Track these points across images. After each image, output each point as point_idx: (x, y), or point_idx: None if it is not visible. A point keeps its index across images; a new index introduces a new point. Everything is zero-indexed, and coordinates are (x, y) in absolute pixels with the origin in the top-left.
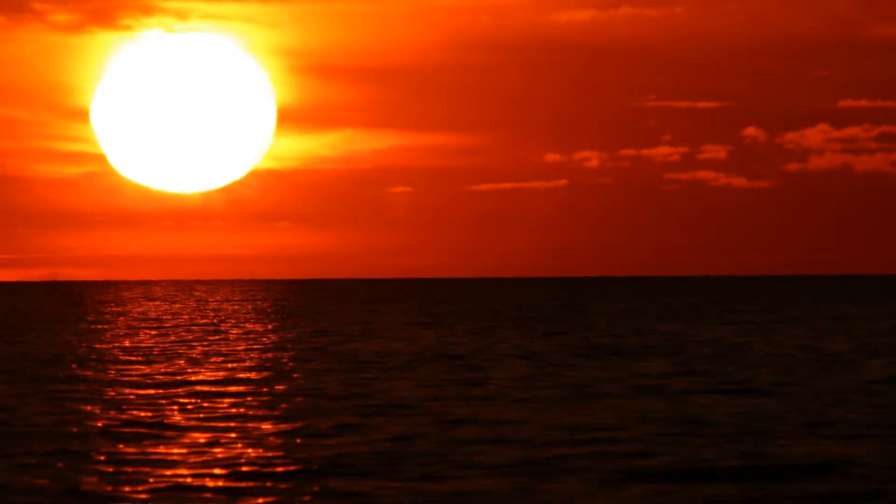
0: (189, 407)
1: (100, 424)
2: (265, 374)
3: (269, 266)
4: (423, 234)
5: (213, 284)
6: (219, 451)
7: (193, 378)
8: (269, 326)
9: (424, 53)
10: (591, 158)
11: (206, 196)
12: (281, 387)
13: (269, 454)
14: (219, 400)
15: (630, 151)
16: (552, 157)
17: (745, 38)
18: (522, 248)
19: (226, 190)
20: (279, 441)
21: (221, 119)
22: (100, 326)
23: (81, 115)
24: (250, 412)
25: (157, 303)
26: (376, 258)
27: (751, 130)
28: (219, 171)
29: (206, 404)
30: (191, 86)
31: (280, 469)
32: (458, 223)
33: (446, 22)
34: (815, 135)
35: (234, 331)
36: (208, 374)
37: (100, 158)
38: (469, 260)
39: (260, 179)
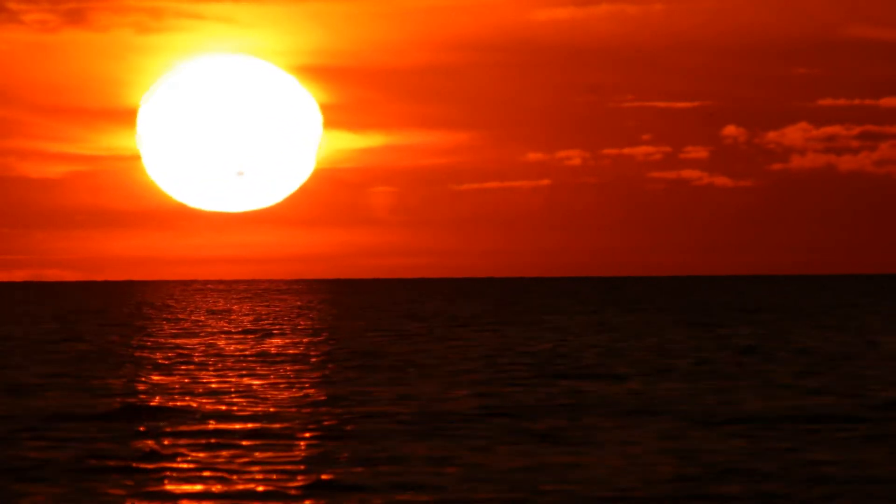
0: None
1: None
2: None
3: (253, 266)
4: (406, 235)
5: (206, 284)
6: None
7: None
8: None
9: (403, 54)
10: (574, 157)
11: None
12: None
13: None
14: None
15: (612, 150)
16: (534, 156)
17: (721, 36)
18: (507, 248)
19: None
20: None
21: (269, 137)
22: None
23: (62, 115)
24: None
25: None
26: (359, 258)
27: (730, 130)
28: (269, 189)
29: None
30: (237, 102)
31: None
32: (440, 223)
33: (424, 22)
34: (795, 133)
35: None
36: None
37: (82, 158)
38: (452, 260)
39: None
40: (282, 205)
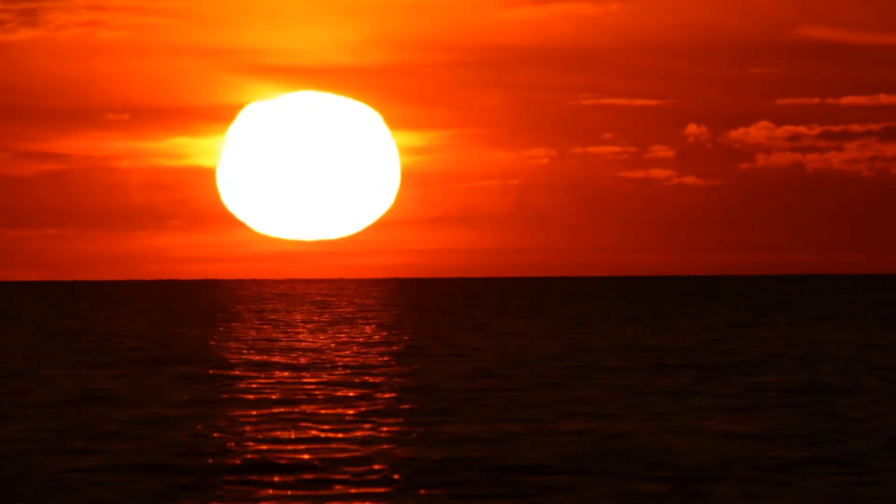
0: None
1: None
2: None
3: (227, 265)
4: (376, 235)
5: (183, 285)
6: None
7: None
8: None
9: (362, 53)
10: (542, 157)
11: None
12: None
13: None
14: None
15: (578, 150)
16: (502, 155)
17: (676, 35)
18: (484, 248)
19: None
20: None
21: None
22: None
23: (28, 115)
24: None
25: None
26: (332, 258)
27: (692, 128)
28: (341, 223)
29: None
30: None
31: None
32: (411, 223)
33: (383, 21)
34: (758, 132)
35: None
36: None
37: (55, 157)
38: (430, 259)
39: (204, 179)
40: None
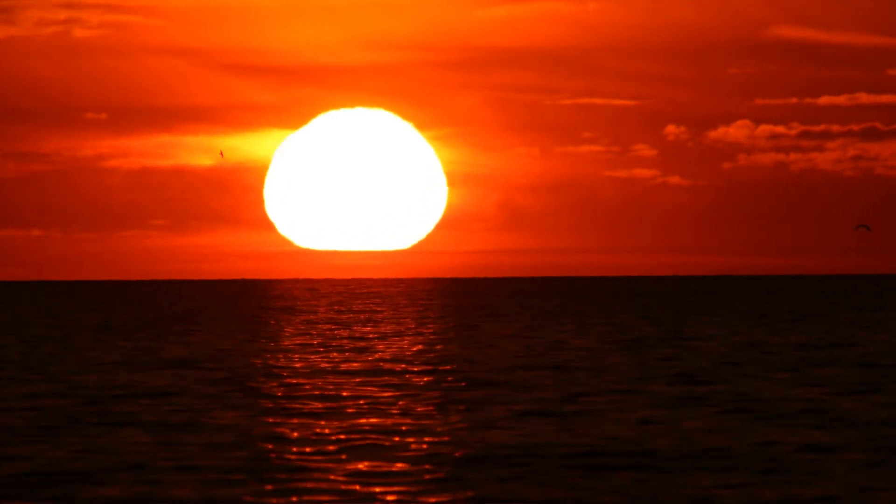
0: None
1: None
2: None
3: (210, 265)
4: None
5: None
6: None
7: None
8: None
9: (341, 52)
10: (525, 156)
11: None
12: None
13: None
14: None
15: (561, 149)
16: (485, 155)
17: (653, 35)
18: (472, 249)
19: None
20: None
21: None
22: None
23: (12, 115)
24: None
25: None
26: (318, 258)
27: (671, 129)
28: (399, 234)
29: None
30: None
31: None
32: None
33: (363, 20)
34: (738, 132)
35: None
36: None
37: (39, 158)
38: (418, 259)
39: (183, 179)
40: (219, 207)
